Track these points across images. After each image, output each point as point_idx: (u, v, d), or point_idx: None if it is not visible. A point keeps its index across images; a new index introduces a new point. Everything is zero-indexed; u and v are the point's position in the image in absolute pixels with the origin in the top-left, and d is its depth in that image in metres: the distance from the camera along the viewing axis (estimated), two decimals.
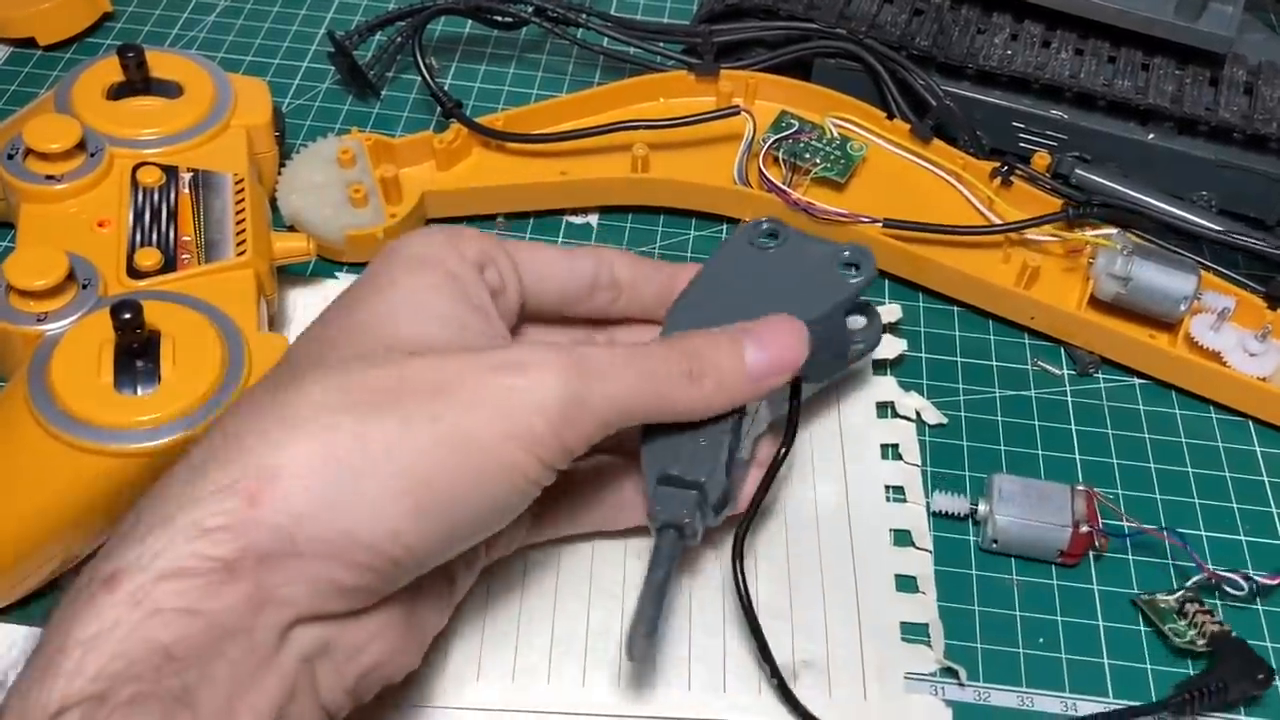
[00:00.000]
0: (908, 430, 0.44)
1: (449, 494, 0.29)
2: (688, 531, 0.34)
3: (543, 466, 0.30)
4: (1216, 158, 0.50)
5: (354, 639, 0.30)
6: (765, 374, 0.35)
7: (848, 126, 0.51)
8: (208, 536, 0.26)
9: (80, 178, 0.42)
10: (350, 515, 0.27)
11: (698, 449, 0.35)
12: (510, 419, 0.29)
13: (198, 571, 0.26)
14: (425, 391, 0.29)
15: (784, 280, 0.39)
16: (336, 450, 0.28)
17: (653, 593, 0.33)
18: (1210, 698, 0.36)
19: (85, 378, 0.36)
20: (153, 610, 0.26)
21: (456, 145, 0.50)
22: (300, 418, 0.28)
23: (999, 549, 0.40)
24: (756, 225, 0.40)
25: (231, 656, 0.27)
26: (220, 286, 0.40)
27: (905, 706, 0.37)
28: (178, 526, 0.27)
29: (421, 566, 0.30)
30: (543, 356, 0.31)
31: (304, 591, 0.28)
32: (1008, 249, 0.48)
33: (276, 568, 0.27)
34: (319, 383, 0.29)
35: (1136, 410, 0.46)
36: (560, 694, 0.36)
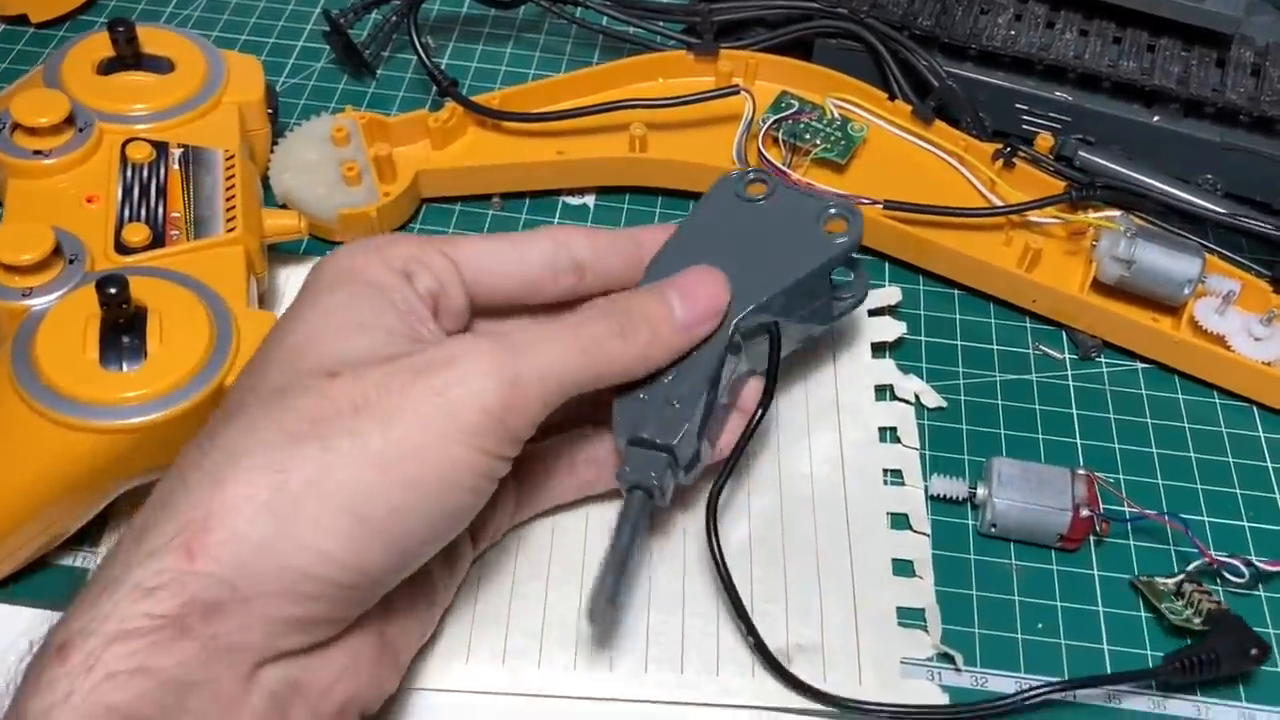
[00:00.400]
0: (906, 413, 0.43)
1: (385, 509, 0.28)
2: (656, 494, 0.34)
3: (490, 458, 0.30)
4: (1222, 140, 0.49)
5: (324, 674, 0.30)
6: (694, 322, 0.35)
7: (848, 107, 0.51)
8: (151, 596, 0.26)
9: (69, 153, 0.42)
10: (284, 551, 0.27)
11: (669, 410, 0.34)
12: (442, 419, 0.29)
13: (145, 631, 0.26)
14: (345, 412, 0.29)
15: (768, 237, 0.38)
16: (263, 490, 0.27)
17: (617, 557, 0.33)
18: (1201, 669, 0.35)
19: (71, 353, 0.35)
20: (105, 675, 0.26)
21: (452, 124, 0.50)
22: (225, 464, 0.28)
23: (998, 533, 0.40)
24: (742, 175, 0.39)
25: (194, 710, 0.26)
26: (209, 263, 0.39)
27: (901, 692, 0.36)
28: (123, 590, 0.27)
29: (380, 584, 0.30)
30: (467, 348, 0.30)
31: (258, 635, 0.27)
32: (1009, 231, 0.48)
33: (224, 616, 0.27)
34: (243, 424, 0.29)
35: (1139, 395, 0.45)
36: (550, 677, 0.36)
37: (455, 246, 0.35)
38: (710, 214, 0.39)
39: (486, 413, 0.29)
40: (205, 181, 0.42)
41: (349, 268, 0.33)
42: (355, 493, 0.28)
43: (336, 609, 0.29)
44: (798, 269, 0.37)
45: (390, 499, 0.28)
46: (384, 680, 0.32)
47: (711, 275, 0.36)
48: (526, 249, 0.36)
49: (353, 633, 0.30)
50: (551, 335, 0.32)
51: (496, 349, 0.30)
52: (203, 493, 0.28)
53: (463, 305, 0.35)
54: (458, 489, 0.30)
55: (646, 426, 0.34)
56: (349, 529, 0.28)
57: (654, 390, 0.35)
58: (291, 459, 0.28)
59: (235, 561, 0.27)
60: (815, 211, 0.38)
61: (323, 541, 0.27)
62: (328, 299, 0.32)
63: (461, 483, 0.30)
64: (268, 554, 0.27)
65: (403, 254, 0.33)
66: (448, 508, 0.30)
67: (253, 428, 0.29)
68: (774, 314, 0.37)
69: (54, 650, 0.26)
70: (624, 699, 0.36)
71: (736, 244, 0.37)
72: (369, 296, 0.32)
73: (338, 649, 0.30)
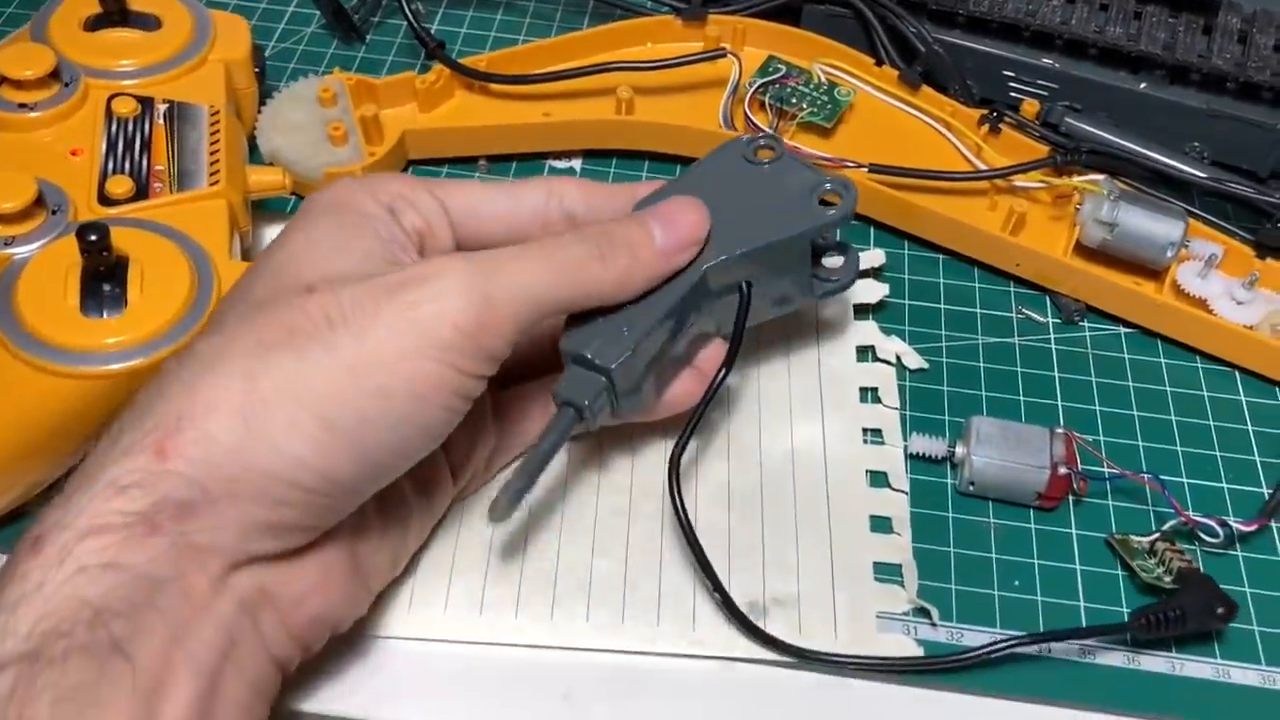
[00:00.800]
0: (888, 374, 0.44)
1: (355, 417, 0.29)
2: (586, 414, 0.34)
3: (462, 376, 0.30)
4: (1208, 107, 0.49)
5: (295, 585, 0.30)
6: (674, 248, 0.35)
7: (835, 72, 0.51)
8: (124, 494, 0.27)
9: (54, 107, 0.42)
10: (254, 453, 0.28)
11: (617, 336, 0.34)
12: (414, 335, 0.29)
13: (117, 527, 0.27)
14: (320, 324, 0.29)
15: (760, 198, 0.38)
16: (235, 394, 0.28)
17: (534, 462, 0.33)
18: (1167, 626, 0.35)
19: (51, 301, 0.36)
20: (77, 568, 0.26)
21: (439, 86, 0.50)
22: (201, 370, 0.29)
23: (976, 491, 0.40)
24: (753, 139, 0.40)
25: (163, 607, 0.27)
26: (192, 215, 0.40)
27: (876, 645, 0.36)
28: (97, 487, 0.27)
29: (351, 493, 0.30)
30: (441, 265, 0.30)
31: (229, 536, 0.28)
32: (994, 196, 0.48)
33: (194, 516, 0.27)
34: (222, 334, 0.30)
35: (1121, 359, 0.45)
36: (528, 627, 0.36)
37: (445, 189, 0.35)
38: (711, 170, 0.39)
39: (458, 329, 0.29)
40: (190, 136, 0.42)
41: (338, 199, 0.33)
42: (325, 399, 0.28)
43: (307, 516, 0.29)
44: (780, 230, 0.37)
45: (360, 407, 0.29)
46: (355, 600, 0.32)
47: (692, 204, 0.36)
48: (519, 196, 0.36)
49: (325, 547, 0.31)
50: (528, 255, 0.32)
51: (471, 267, 0.30)
52: (177, 396, 0.28)
53: (449, 246, 0.35)
54: (428, 404, 0.30)
55: (590, 345, 0.34)
56: (318, 435, 0.28)
57: (611, 316, 0.35)
58: (264, 366, 0.28)
59: (206, 462, 0.27)
60: (812, 183, 0.38)
61: (292, 446, 0.28)
62: (314, 225, 0.32)
63: (432, 398, 0.30)
64: (238, 456, 0.27)
65: (391, 190, 0.34)
66: (418, 422, 0.30)
67: (230, 338, 0.29)
68: (749, 273, 0.37)
69: (29, 543, 0.27)
70: (599, 649, 0.36)
71: (728, 200, 0.37)
72: (353, 224, 0.32)
73: (309, 561, 0.30)
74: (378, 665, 0.35)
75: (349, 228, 0.32)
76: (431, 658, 0.35)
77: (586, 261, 0.33)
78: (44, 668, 0.25)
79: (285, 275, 0.31)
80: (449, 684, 0.35)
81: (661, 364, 0.36)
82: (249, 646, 0.29)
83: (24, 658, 0.25)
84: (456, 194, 0.35)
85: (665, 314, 0.35)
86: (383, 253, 0.32)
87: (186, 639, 0.27)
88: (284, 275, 0.31)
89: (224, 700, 0.28)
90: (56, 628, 0.25)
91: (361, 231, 0.32)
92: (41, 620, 0.25)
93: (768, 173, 0.39)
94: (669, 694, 0.35)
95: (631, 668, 0.36)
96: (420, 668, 0.35)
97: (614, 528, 0.39)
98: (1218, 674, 0.36)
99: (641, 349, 0.35)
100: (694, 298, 0.36)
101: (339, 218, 0.33)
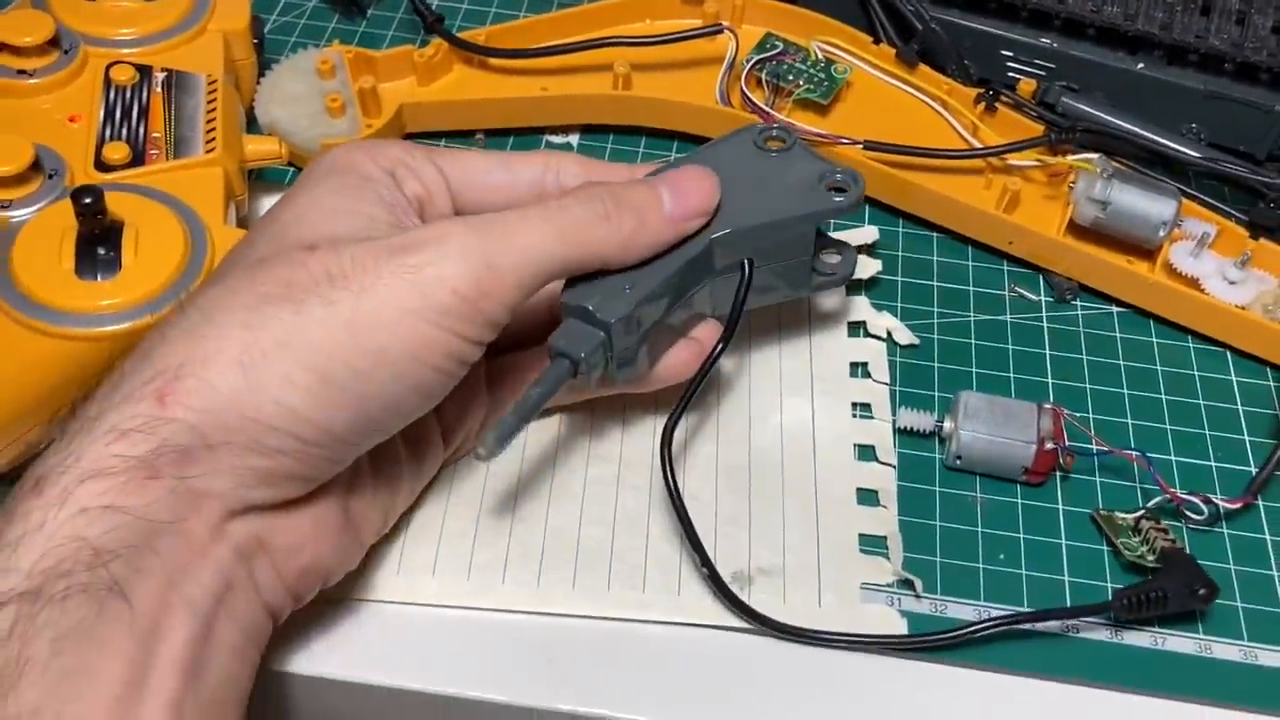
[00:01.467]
0: (878, 349, 0.44)
1: (351, 373, 0.29)
2: (581, 367, 0.34)
3: (460, 340, 0.30)
4: (1206, 88, 0.49)
5: (290, 535, 0.31)
6: (683, 216, 0.35)
7: (833, 50, 0.51)
8: (125, 438, 0.27)
9: (53, 74, 0.42)
10: (253, 403, 0.28)
11: (619, 294, 0.35)
12: (414, 296, 0.30)
13: (118, 471, 0.27)
14: (322, 280, 0.29)
15: (770, 181, 0.39)
16: (235, 345, 0.29)
17: (525, 406, 0.33)
18: (1148, 606, 0.36)
19: (47, 263, 0.36)
20: (78, 509, 0.26)
21: (437, 60, 0.50)
22: (202, 321, 0.29)
23: (963, 465, 0.40)
24: (766, 129, 0.40)
25: (163, 551, 0.27)
26: (187, 182, 0.40)
27: (860, 615, 0.37)
28: (98, 431, 0.28)
29: (345, 446, 0.31)
30: (443, 229, 0.31)
31: (226, 482, 0.28)
32: (989, 174, 0.48)
33: (194, 462, 0.28)
34: (223, 287, 0.30)
35: (1113, 337, 0.45)
36: (515, 593, 0.36)
37: (445, 158, 0.35)
38: (721, 152, 0.39)
39: (457, 294, 0.30)
40: (187, 104, 0.42)
41: (341, 162, 0.34)
42: (322, 353, 0.29)
43: (303, 466, 0.30)
44: (786, 210, 0.38)
45: (356, 363, 0.29)
46: (346, 552, 0.33)
47: (703, 173, 0.36)
48: (517, 168, 0.36)
49: (319, 499, 0.31)
50: (531, 217, 0.32)
51: (473, 231, 0.31)
52: (177, 344, 0.29)
53: (447, 214, 0.35)
54: (424, 365, 0.30)
55: (592, 299, 0.34)
56: (314, 387, 0.29)
57: (613, 275, 0.35)
58: (264, 318, 0.29)
59: (205, 410, 0.28)
60: (821, 171, 0.39)
61: (289, 397, 0.28)
62: (317, 187, 0.33)
63: (427, 360, 0.30)
64: (236, 405, 0.28)
65: (393, 155, 0.34)
66: (413, 382, 0.30)
67: (230, 290, 0.30)
68: (753, 252, 0.38)
69: (30, 484, 0.27)
70: (585, 615, 0.36)
71: (737, 180, 0.38)
72: (356, 187, 0.33)
73: (304, 513, 0.31)
74: (365, 628, 0.35)
75: (352, 190, 0.33)
76: (418, 621, 0.36)
77: (591, 222, 0.33)
78: (44, 606, 0.25)
79: (288, 234, 0.32)
80: (435, 648, 0.35)
81: (657, 334, 0.36)
82: (243, 593, 0.29)
83: (25, 596, 0.25)
84: (456, 163, 0.35)
85: (668, 279, 0.35)
86: (386, 216, 0.33)
87: (184, 583, 0.27)
88: (287, 234, 0.32)
89: (217, 643, 0.28)
90: (57, 567, 0.26)
91: (364, 194, 0.33)
92: (43, 559, 0.26)
93: (777, 160, 0.39)
94: (653, 661, 0.35)
95: (616, 634, 0.36)
96: (407, 631, 0.36)
97: (602, 496, 0.39)
98: (1200, 649, 0.37)
99: (641, 311, 0.35)
100: (696, 269, 0.36)
101: (342, 180, 0.33)
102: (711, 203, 0.36)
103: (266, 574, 0.30)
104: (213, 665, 0.28)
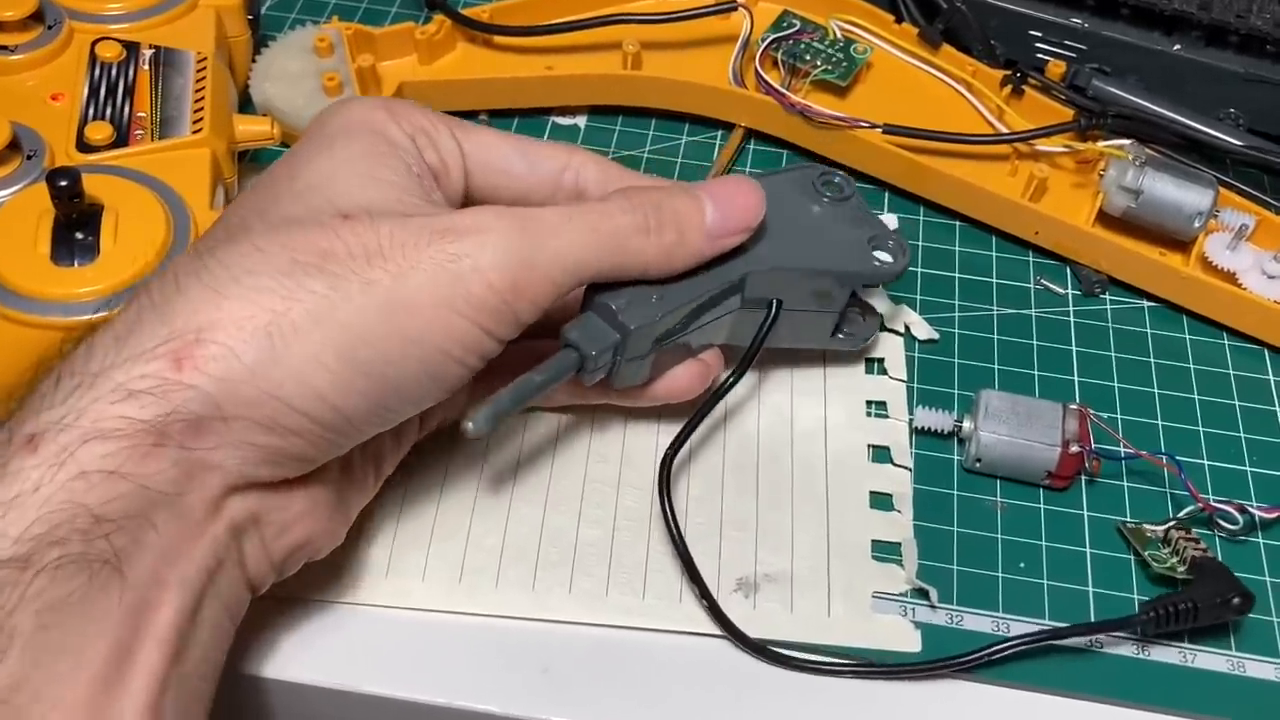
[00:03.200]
0: (895, 345, 0.42)
1: (381, 359, 0.28)
2: (588, 365, 0.33)
3: (486, 336, 0.29)
4: (1246, 71, 0.47)
5: (284, 513, 0.29)
6: (723, 231, 0.34)
7: (852, 29, 0.49)
8: (133, 399, 0.26)
9: (36, 49, 0.41)
10: (276, 379, 0.27)
11: (645, 301, 0.33)
12: (449, 286, 0.28)
13: (124, 434, 0.25)
14: (359, 255, 0.28)
15: (818, 228, 0.37)
16: (264, 313, 0.27)
17: (522, 390, 0.32)
18: (1178, 619, 0.34)
19: (22, 248, 0.35)
20: (77, 472, 0.25)
21: (439, 38, 0.48)
22: (227, 280, 0.27)
23: (983, 468, 0.38)
24: (827, 173, 0.39)
25: (160, 524, 0.26)
26: (172, 164, 0.39)
27: (871, 626, 0.35)
28: (102, 388, 0.26)
29: (355, 433, 0.29)
30: (485, 220, 0.29)
31: (234, 457, 0.27)
32: (1015, 161, 0.45)
33: (204, 433, 0.26)
34: (250, 244, 0.28)
35: (1144, 333, 0.43)
36: (509, 598, 0.35)
37: (466, 133, 0.34)
38: (775, 185, 0.38)
39: (493, 289, 0.29)
40: (175, 83, 0.41)
41: (365, 120, 0.32)
42: (355, 335, 0.27)
43: (311, 448, 0.28)
44: (828, 262, 0.37)
45: (386, 350, 0.28)
46: (334, 531, 0.32)
47: (748, 185, 0.35)
48: (537, 161, 0.34)
49: (314, 479, 0.30)
50: (574, 222, 0.31)
51: (515, 227, 0.29)
52: (200, 303, 0.27)
53: (459, 192, 0.34)
54: (449, 358, 0.29)
55: (618, 299, 0.33)
56: (340, 369, 0.27)
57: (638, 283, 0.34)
58: (297, 288, 0.27)
59: (225, 380, 0.26)
60: (872, 230, 0.38)
61: (314, 376, 0.27)
62: (343, 146, 0.31)
63: (453, 352, 0.29)
64: (257, 379, 0.26)
65: (416, 122, 0.32)
66: (435, 372, 0.29)
67: (260, 251, 0.28)
68: (783, 292, 0.36)
69: (21, 439, 0.25)
70: (582, 621, 0.34)
71: (786, 219, 0.37)
72: (383, 153, 0.31)
73: (299, 492, 0.30)
74: (351, 633, 0.34)
75: (378, 156, 0.31)
76: (408, 626, 0.34)
77: (633, 234, 0.32)
78: (33, 575, 0.24)
79: (316, 196, 0.30)
80: (425, 655, 0.34)
81: (665, 351, 0.35)
82: (231, 569, 0.28)
83: (12, 563, 0.24)
84: (478, 143, 0.34)
85: (696, 298, 0.34)
86: (416, 189, 0.31)
87: (178, 559, 0.26)
88: (314, 195, 0.30)
89: (202, 620, 0.27)
90: (50, 534, 0.24)
91: (392, 162, 0.31)
92: (35, 524, 0.24)
93: (831, 208, 0.38)
94: (652, 671, 0.34)
95: (614, 642, 0.34)
96: (396, 637, 0.34)
97: (602, 497, 0.37)
98: (1232, 667, 0.35)
99: (662, 324, 0.34)
100: (725, 295, 0.35)
101: (367, 143, 0.31)
102: (754, 218, 0.34)
103: (255, 550, 0.29)
104: (196, 642, 0.27)
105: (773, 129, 0.48)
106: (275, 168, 0.32)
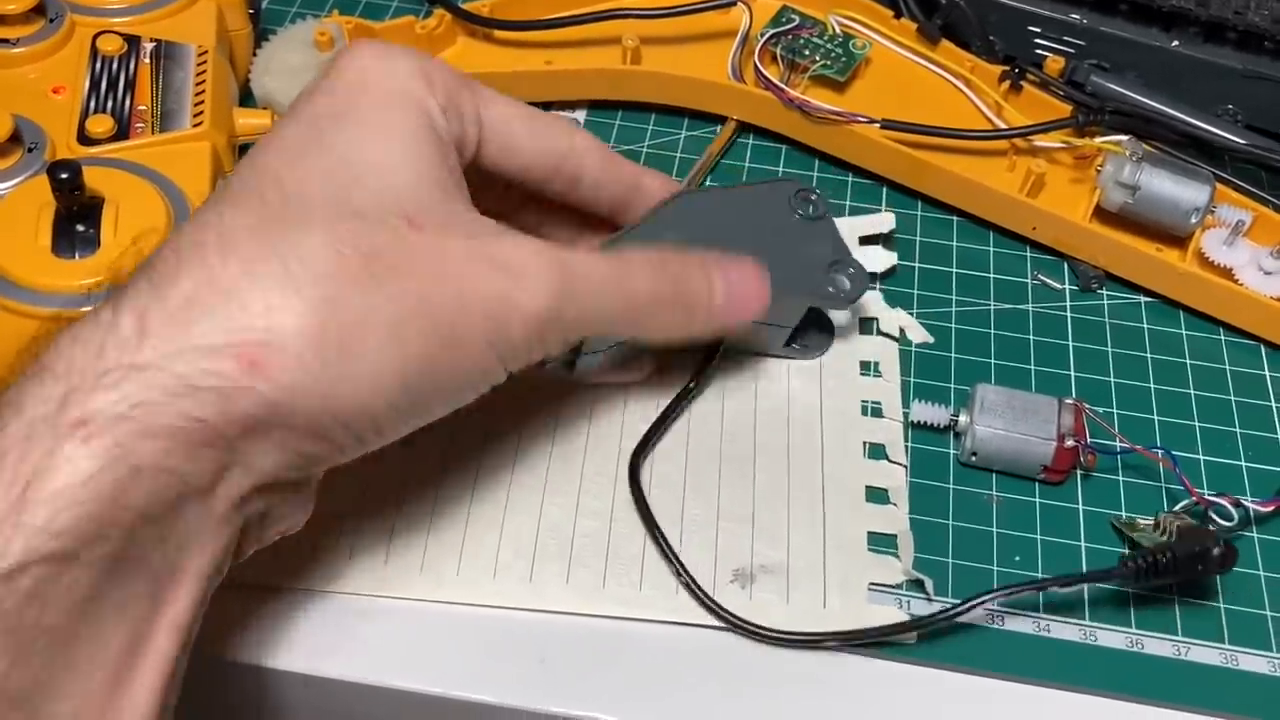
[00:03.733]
0: (890, 348, 0.42)
1: (431, 387, 0.28)
2: None
3: (504, 371, 0.30)
4: (1244, 67, 0.47)
5: (287, 507, 0.30)
6: (724, 318, 0.34)
7: (851, 24, 0.49)
8: (194, 395, 0.25)
9: (37, 43, 0.41)
10: (337, 394, 0.26)
11: None
12: (495, 324, 0.29)
13: (182, 432, 0.24)
14: (428, 274, 0.28)
15: (784, 245, 0.38)
16: (336, 325, 0.26)
17: None
18: (1158, 571, 0.34)
19: (23, 240, 0.35)
20: (134, 469, 0.24)
21: (440, 31, 0.48)
22: (301, 280, 0.26)
23: (978, 462, 0.38)
24: (807, 190, 0.39)
25: (190, 518, 0.26)
26: (173, 157, 0.39)
27: (867, 617, 0.35)
28: (160, 379, 0.24)
29: (379, 444, 0.29)
30: (536, 264, 0.29)
31: (271, 460, 0.27)
32: (1013, 156, 0.46)
33: (256, 436, 0.26)
34: (317, 238, 0.27)
35: (1140, 329, 0.43)
36: (506, 589, 0.35)
37: (486, 103, 0.32)
38: (753, 197, 0.38)
39: (524, 329, 0.29)
40: (176, 76, 0.41)
41: (404, 90, 0.30)
42: (415, 357, 0.27)
43: (340, 455, 0.28)
44: (785, 281, 0.37)
45: (435, 375, 0.28)
46: (308, 516, 0.31)
47: (757, 281, 0.35)
48: (543, 141, 0.34)
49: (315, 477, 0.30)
50: (610, 280, 0.31)
51: (559, 276, 0.29)
52: (272, 299, 0.26)
53: (467, 161, 0.32)
54: (474, 390, 0.30)
55: None
56: (397, 395, 0.27)
57: None
58: (371, 302, 0.26)
59: (289, 388, 0.25)
60: (833, 256, 0.38)
61: (373, 398, 0.27)
62: (384, 119, 0.29)
63: (479, 386, 0.30)
64: (321, 391, 0.26)
65: (449, 92, 0.31)
66: (458, 400, 0.30)
67: (329, 247, 0.26)
68: None
69: (68, 424, 0.24)
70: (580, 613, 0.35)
71: (754, 233, 0.37)
72: (425, 134, 0.30)
73: (306, 490, 0.30)
74: (347, 624, 0.34)
75: (423, 141, 0.30)
76: (404, 617, 0.34)
77: (649, 303, 0.32)
78: (73, 571, 0.23)
79: (375, 181, 0.28)
80: (421, 645, 0.34)
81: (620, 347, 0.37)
82: (230, 557, 0.28)
83: (53, 559, 0.23)
84: (494, 113, 0.33)
85: None
86: (458, 189, 0.30)
87: (198, 552, 0.26)
88: (374, 181, 0.28)
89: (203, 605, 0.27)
90: (96, 530, 0.24)
91: (437, 148, 0.30)
92: (83, 520, 0.23)
93: (801, 226, 0.38)
94: (649, 662, 0.34)
95: (610, 632, 0.34)
96: (392, 627, 0.34)
97: (600, 488, 0.37)
98: (1225, 659, 0.35)
99: None
100: None
101: (412, 121, 0.30)
102: (754, 315, 0.35)
103: (250, 540, 0.29)
104: (197, 626, 0.27)
105: (771, 124, 0.48)
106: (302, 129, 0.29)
